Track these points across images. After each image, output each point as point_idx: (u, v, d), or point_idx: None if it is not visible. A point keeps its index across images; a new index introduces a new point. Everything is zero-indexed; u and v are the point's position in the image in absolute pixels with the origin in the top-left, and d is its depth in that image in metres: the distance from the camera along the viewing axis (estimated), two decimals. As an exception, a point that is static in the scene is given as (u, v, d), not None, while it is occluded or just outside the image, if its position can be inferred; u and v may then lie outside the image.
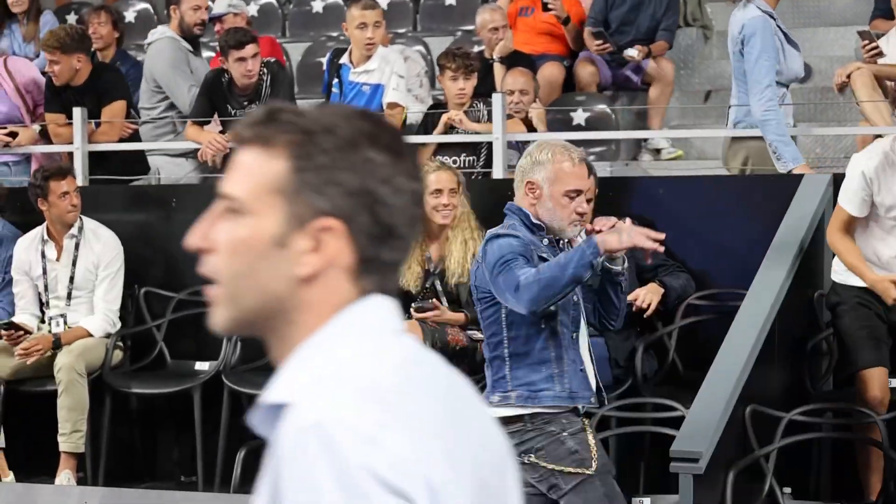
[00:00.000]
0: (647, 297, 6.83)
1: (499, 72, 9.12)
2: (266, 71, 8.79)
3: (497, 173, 8.01)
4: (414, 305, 6.93)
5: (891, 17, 9.02)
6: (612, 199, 7.05)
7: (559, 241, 5.24)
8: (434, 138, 8.45)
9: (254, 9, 11.38)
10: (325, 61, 9.13)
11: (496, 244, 5.12)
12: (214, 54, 9.51)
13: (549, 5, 9.92)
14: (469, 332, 6.85)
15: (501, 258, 5.06)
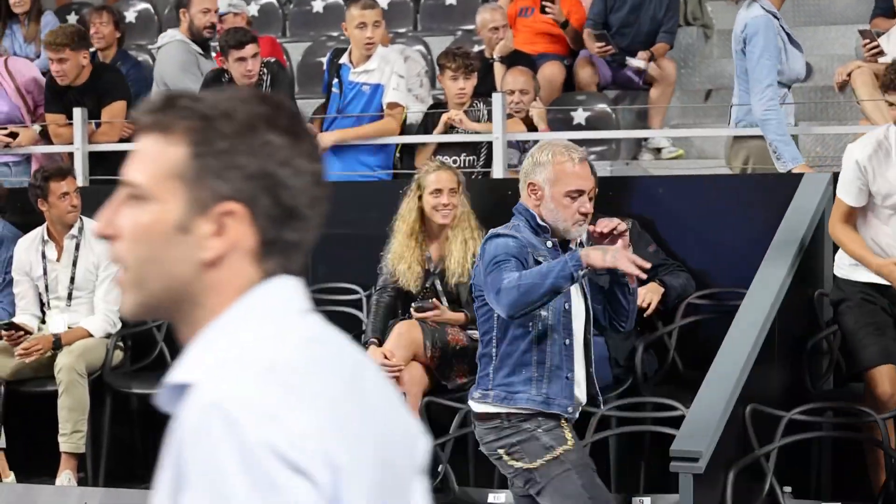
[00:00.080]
0: (647, 296, 6.82)
1: (499, 71, 9.12)
2: (266, 71, 8.79)
3: (497, 173, 8.01)
4: (414, 305, 6.92)
5: (891, 16, 9.02)
6: (613, 198, 7.03)
7: (566, 243, 5.21)
8: (434, 138, 8.45)
9: (254, 9, 11.38)
10: (325, 61, 9.12)
11: (493, 244, 5.12)
12: (215, 54, 9.52)
13: (546, 9, 9.92)
14: (469, 331, 6.84)
15: (494, 258, 5.06)
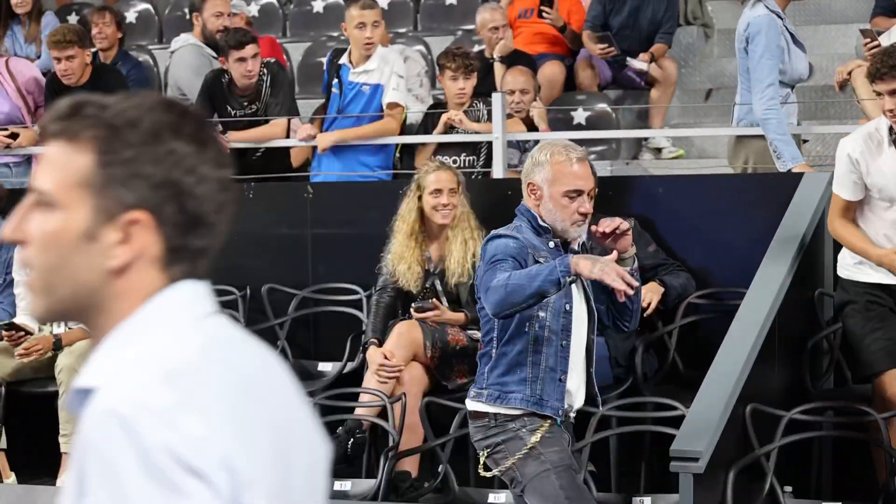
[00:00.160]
0: (648, 296, 6.81)
1: (499, 71, 9.12)
2: (266, 71, 8.79)
3: (497, 173, 8.00)
4: (414, 305, 6.92)
5: (891, 15, 9.03)
6: (613, 198, 7.03)
7: (568, 244, 5.20)
8: (434, 138, 8.45)
9: (254, 9, 11.38)
10: (325, 61, 9.12)
11: (493, 244, 5.12)
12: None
13: (544, 14, 9.93)
14: (469, 331, 6.84)
15: (493, 258, 5.06)
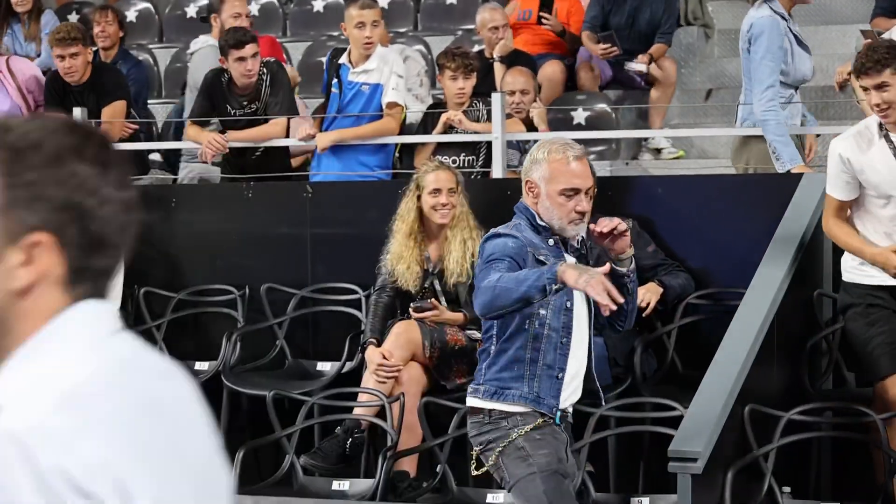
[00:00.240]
0: (647, 296, 6.81)
1: (499, 71, 9.11)
2: (266, 71, 8.78)
3: (496, 173, 8.00)
4: (413, 305, 6.92)
5: (892, 15, 9.03)
6: (612, 198, 7.04)
7: (567, 241, 5.20)
8: (433, 138, 8.44)
9: (254, 9, 11.38)
10: (325, 61, 9.11)
11: (491, 243, 5.12)
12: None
13: (543, 20, 9.93)
14: (468, 331, 6.84)
15: (489, 256, 5.06)
